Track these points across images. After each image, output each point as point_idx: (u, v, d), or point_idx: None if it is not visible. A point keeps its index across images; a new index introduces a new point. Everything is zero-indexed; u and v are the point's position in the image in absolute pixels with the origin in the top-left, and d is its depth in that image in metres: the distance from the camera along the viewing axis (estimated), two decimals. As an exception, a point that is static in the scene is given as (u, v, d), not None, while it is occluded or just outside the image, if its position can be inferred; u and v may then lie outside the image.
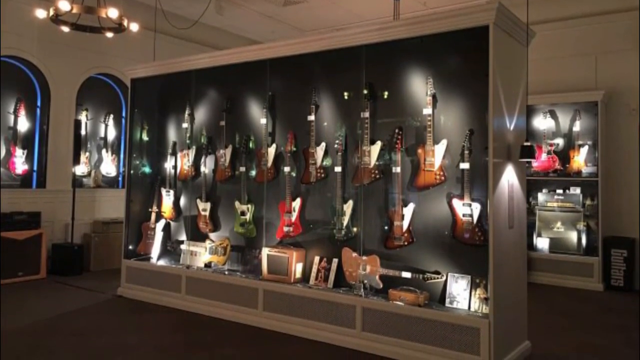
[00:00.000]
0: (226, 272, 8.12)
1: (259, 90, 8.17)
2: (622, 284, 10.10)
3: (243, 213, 8.14)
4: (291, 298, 7.22)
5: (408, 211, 6.64)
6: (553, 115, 11.15)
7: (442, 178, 6.44)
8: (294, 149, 7.72)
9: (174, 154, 9.25)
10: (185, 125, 8.99)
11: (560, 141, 11.05)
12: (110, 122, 12.23)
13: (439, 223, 6.51)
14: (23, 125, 10.68)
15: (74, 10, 8.08)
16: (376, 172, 6.92)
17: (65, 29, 8.77)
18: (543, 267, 10.64)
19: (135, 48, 11.70)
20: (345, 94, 7.38)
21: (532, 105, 10.65)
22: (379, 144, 6.90)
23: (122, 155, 12.36)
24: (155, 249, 9.10)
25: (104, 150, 12.14)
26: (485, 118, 5.97)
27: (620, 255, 10.12)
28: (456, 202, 6.29)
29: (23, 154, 10.57)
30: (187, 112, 8.94)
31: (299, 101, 7.71)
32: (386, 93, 7.00)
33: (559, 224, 10.79)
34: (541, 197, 11.02)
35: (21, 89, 10.81)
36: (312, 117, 7.52)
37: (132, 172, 9.50)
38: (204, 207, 8.65)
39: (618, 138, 10.67)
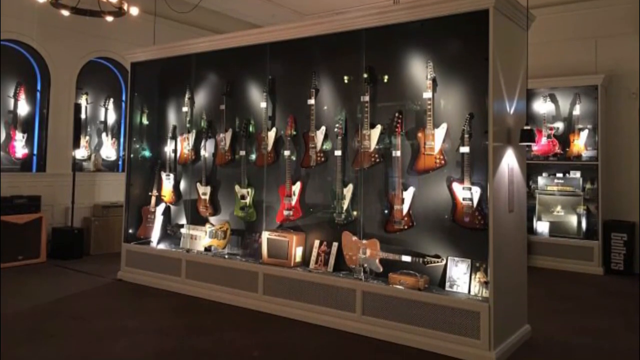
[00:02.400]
0: (226, 256, 8.13)
1: (259, 74, 8.16)
2: (622, 267, 10.12)
3: (243, 197, 8.15)
4: (291, 282, 7.24)
5: (408, 195, 6.64)
6: (553, 99, 11.14)
7: (442, 162, 6.44)
8: (294, 132, 7.72)
9: (174, 137, 9.24)
10: (185, 109, 8.98)
11: (560, 125, 11.04)
12: (110, 105, 12.21)
13: (439, 207, 6.51)
14: (23, 109, 10.66)
15: (74, -6, 8.07)
16: (376, 156, 6.91)
17: (65, 12, 8.74)
18: (543, 251, 10.66)
19: (135, 32, 11.66)
20: (345, 77, 7.37)
21: (532, 89, 10.64)
22: (379, 127, 6.89)
23: (122, 139, 12.35)
24: (155, 233, 9.12)
25: (104, 134, 12.13)
26: (485, 102, 5.96)
27: (620, 239, 10.14)
28: (456, 186, 6.29)
29: (23, 137, 10.56)
30: (187, 96, 8.93)
31: (299, 85, 7.70)
32: (386, 77, 6.99)
33: (559, 208, 10.80)
34: (541, 180, 11.03)
35: (21, 72, 10.79)
36: (312, 101, 7.51)
37: (132, 156, 9.51)
38: (204, 191, 8.65)
39: (618, 122, 10.66)
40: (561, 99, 11.10)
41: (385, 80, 7.00)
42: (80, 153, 11.38)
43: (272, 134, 7.95)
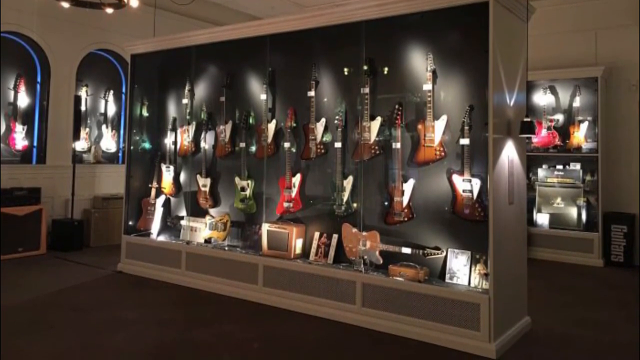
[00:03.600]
0: (226, 248, 8.14)
1: (259, 66, 8.15)
2: (622, 259, 10.12)
3: (243, 189, 8.15)
4: (291, 274, 7.24)
5: (408, 187, 6.64)
6: (553, 91, 11.14)
7: (442, 154, 6.44)
8: (294, 124, 7.71)
9: (174, 129, 9.24)
10: (185, 101, 8.98)
11: (560, 117, 11.04)
12: (110, 97, 12.21)
13: (439, 199, 6.51)
14: (23, 101, 10.66)
15: (74, -14, 8.06)
16: (376, 147, 6.91)
17: (65, 4, 8.73)
18: (543, 243, 10.67)
19: (135, 24, 11.64)
20: (345, 69, 7.36)
21: (532, 81, 10.63)
22: (379, 119, 6.89)
23: (122, 131, 12.35)
24: (155, 225, 9.12)
25: (104, 126, 12.12)
26: (485, 94, 5.95)
27: (620, 230, 10.14)
28: (456, 178, 6.29)
29: (23, 129, 10.55)
30: (187, 87, 8.92)
31: (299, 77, 7.69)
32: (386, 69, 6.99)
33: (559, 200, 10.81)
34: (541, 172, 11.03)
35: (21, 64, 10.78)
36: (312, 93, 7.50)
37: (132, 147, 9.50)
38: (204, 183, 8.66)
39: (618, 114, 10.66)
40: (561, 91, 11.10)
41: (385, 72, 7.00)
42: (80, 145, 11.37)
43: (272, 126, 7.95)
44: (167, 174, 9.20)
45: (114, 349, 5.72)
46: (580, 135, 10.62)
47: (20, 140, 10.50)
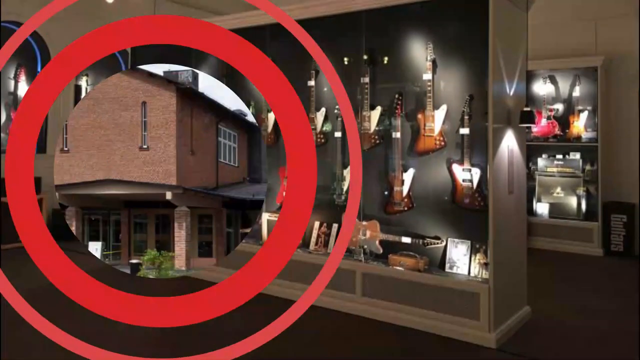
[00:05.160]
0: (227, 238, 8.16)
1: (259, 55, 8.15)
2: (622, 249, 10.12)
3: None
4: (290, 263, 7.22)
5: (408, 176, 6.65)
6: (553, 80, 11.12)
7: (442, 143, 6.44)
8: (294, 114, 7.72)
9: (174, 119, 9.24)
10: (185, 90, 8.98)
11: (560, 106, 11.03)
12: (111, 87, 12.21)
13: (438, 188, 6.52)
14: (23, 90, 10.64)
15: (73, -25, 8.04)
16: (376, 137, 6.92)
17: (65, -6, 8.73)
18: (543, 233, 10.67)
19: (135, 13, 11.60)
20: (346, 59, 7.34)
21: (531, 71, 10.61)
22: (378, 109, 6.89)
23: (122, 121, 12.35)
24: (156, 215, 9.13)
25: (104, 116, 12.13)
26: (485, 83, 5.96)
27: (620, 220, 10.14)
28: (456, 168, 6.30)
29: (23, 119, 10.55)
30: (187, 77, 8.93)
31: (299, 67, 7.68)
32: (386, 58, 6.98)
33: (558, 189, 10.81)
34: (541, 162, 11.03)
35: (22, 54, 10.77)
36: (312, 83, 7.51)
37: (132, 138, 9.49)
38: (205, 173, 8.67)
39: (618, 103, 10.64)
40: (561, 81, 11.09)
41: (385, 62, 6.99)
42: (81, 135, 11.38)
43: (272, 116, 7.95)
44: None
45: (114, 338, 5.75)
46: (580, 125, 10.62)
47: (20, 130, 10.50)
